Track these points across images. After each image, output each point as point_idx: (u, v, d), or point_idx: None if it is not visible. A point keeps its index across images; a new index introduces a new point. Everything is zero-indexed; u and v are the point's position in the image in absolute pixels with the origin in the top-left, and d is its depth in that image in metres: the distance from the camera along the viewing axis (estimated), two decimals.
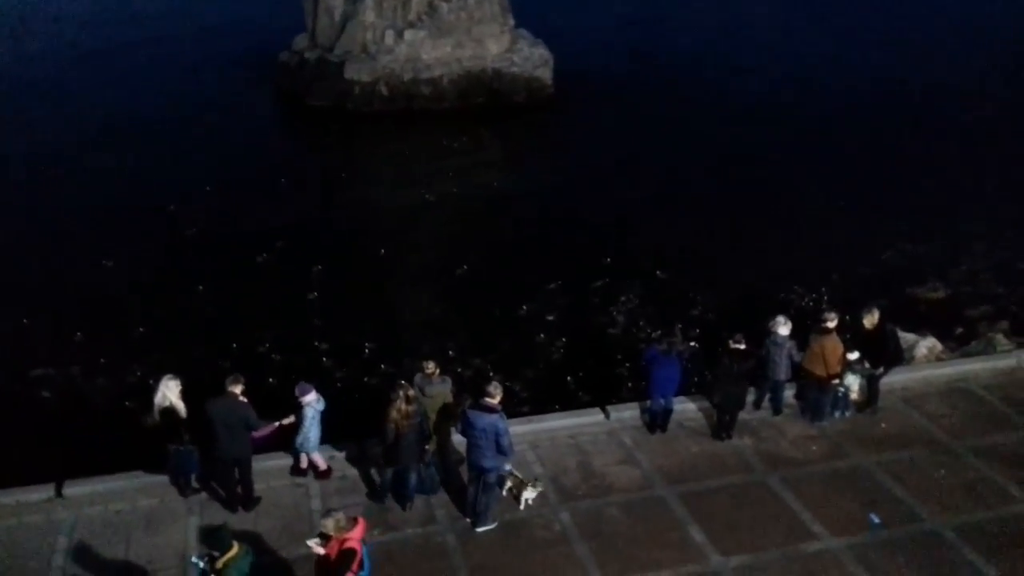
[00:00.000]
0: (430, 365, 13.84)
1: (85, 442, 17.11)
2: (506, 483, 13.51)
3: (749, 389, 15.17)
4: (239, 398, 12.89)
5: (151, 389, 13.43)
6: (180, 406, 13.03)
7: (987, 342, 19.30)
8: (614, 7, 49.43)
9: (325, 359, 20.88)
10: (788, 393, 15.66)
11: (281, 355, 20.90)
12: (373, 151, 34.76)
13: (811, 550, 12.69)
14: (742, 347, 14.55)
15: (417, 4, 37.84)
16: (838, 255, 25.22)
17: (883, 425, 15.39)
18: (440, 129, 35.57)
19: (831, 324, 14.94)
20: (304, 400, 13.34)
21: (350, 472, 14.23)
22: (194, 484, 13.71)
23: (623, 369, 20.20)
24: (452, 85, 37.68)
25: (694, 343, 20.62)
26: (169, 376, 13.17)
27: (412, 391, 12.90)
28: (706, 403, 15.58)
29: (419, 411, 12.80)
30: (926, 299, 23.42)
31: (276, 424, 13.45)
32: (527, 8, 40.41)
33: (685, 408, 15.63)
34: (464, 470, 13.35)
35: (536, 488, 13.53)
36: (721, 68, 41.00)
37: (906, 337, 18.41)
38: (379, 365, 20.44)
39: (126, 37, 45.86)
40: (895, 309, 20.44)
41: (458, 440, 13.37)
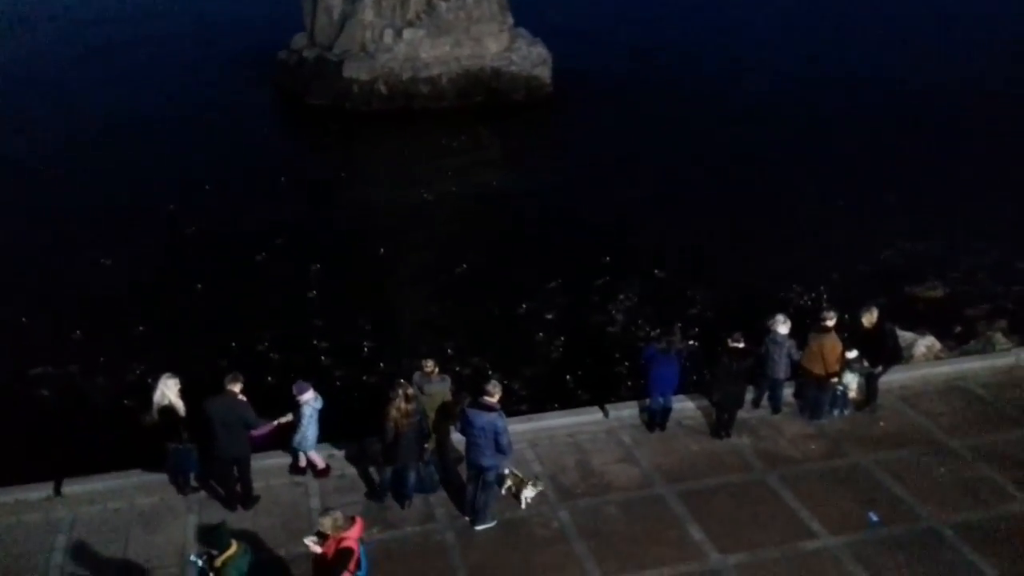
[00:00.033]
0: (429, 364, 13.84)
1: (84, 441, 17.13)
2: (505, 482, 13.51)
3: (748, 388, 15.17)
4: (238, 397, 12.88)
5: (150, 388, 13.40)
6: (179, 405, 13.02)
7: (986, 341, 19.32)
8: (613, 6, 49.45)
9: (324, 358, 20.88)
10: (787, 392, 15.65)
11: (280, 354, 20.91)
12: (372, 150, 34.79)
13: (810, 548, 12.70)
14: (741, 346, 14.54)
15: (416, 3, 37.88)
16: (837, 254, 25.24)
17: (882, 424, 15.39)
18: (439, 128, 35.58)
19: (830, 323, 14.95)
20: (302, 398, 13.34)
21: (349, 471, 14.23)
22: (193, 482, 13.71)
23: (622, 368, 20.20)
24: (451, 84, 37.70)
25: (693, 342, 20.62)
26: (168, 375, 13.16)
27: (411, 390, 12.90)
28: (705, 402, 15.58)
29: (418, 410, 12.79)
30: (925, 298, 23.43)
31: (275, 423, 13.44)
32: (526, 7, 40.42)
33: (684, 407, 15.63)
34: (463, 468, 13.34)
35: (536, 487, 13.52)
36: (721, 67, 41.03)
37: (905, 336, 18.42)
38: (378, 364, 20.45)
39: (126, 36, 45.92)
40: (894, 308, 20.50)
41: (457, 439, 13.36)
